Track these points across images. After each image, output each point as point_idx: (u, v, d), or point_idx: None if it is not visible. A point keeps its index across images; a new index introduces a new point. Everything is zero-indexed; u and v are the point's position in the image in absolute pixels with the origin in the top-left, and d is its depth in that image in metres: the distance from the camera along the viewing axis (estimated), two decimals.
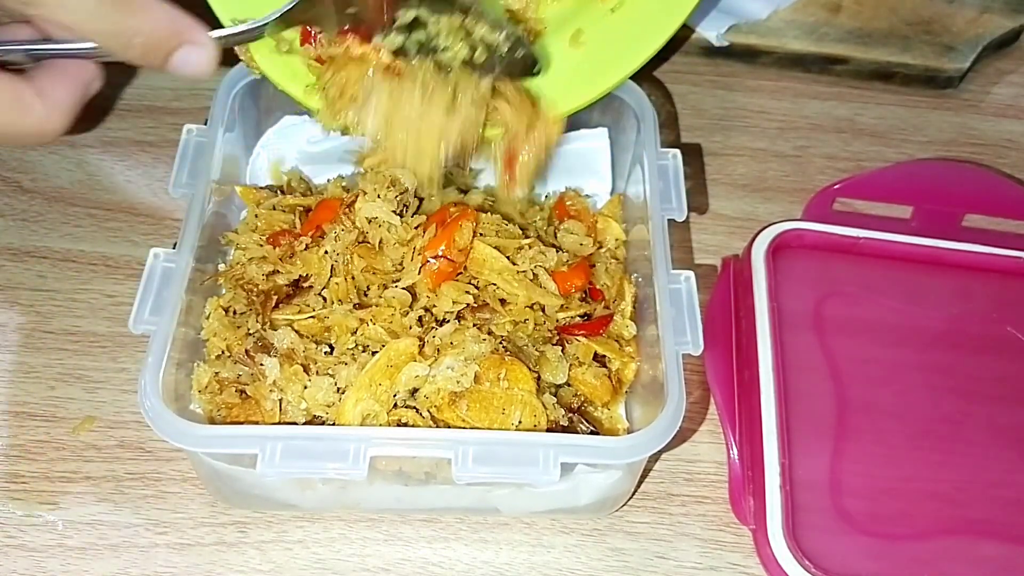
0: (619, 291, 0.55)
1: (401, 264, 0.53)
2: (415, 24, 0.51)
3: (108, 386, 0.56)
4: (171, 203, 0.64)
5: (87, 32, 0.44)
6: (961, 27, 0.77)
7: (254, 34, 0.51)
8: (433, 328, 0.51)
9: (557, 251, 0.55)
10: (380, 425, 0.48)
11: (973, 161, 0.73)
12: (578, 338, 0.53)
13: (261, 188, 0.59)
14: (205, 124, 0.56)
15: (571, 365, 0.52)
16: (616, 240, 0.58)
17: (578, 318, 0.54)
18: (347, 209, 0.53)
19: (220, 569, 0.50)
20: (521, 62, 0.53)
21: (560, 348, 0.52)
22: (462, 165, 0.57)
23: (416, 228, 0.53)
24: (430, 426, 0.48)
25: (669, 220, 0.54)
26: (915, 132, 0.75)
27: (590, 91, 0.55)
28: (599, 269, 0.56)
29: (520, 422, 0.48)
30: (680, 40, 0.76)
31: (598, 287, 0.56)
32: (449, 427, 0.48)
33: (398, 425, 0.48)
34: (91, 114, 0.70)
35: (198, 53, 0.47)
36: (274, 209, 0.56)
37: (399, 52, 0.51)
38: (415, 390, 0.49)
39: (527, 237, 0.55)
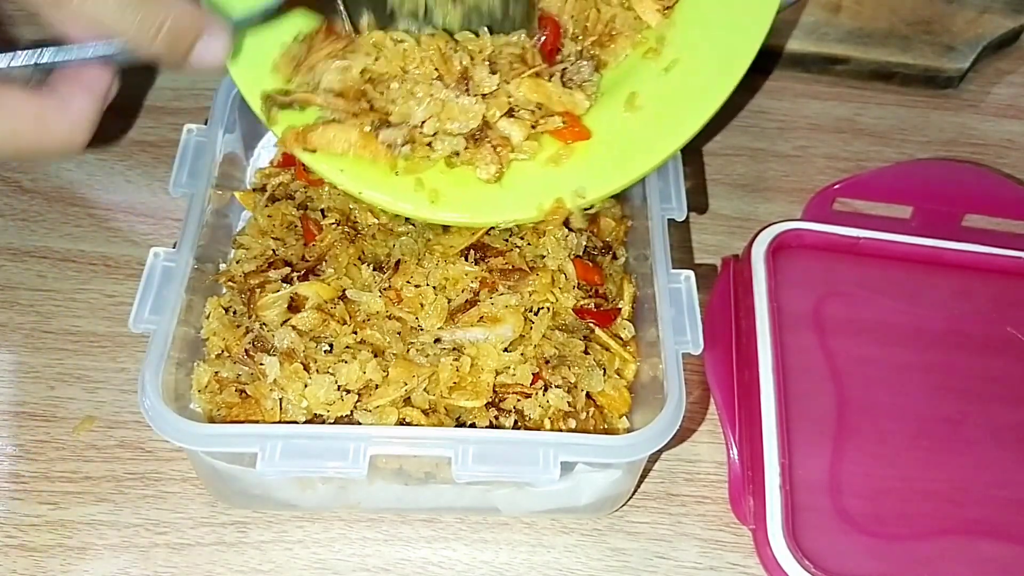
0: (619, 291, 0.55)
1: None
2: None
3: (108, 386, 0.56)
4: (171, 203, 0.64)
5: (115, 26, 0.44)
6: (961, 27, 0.77)
7: (264, 18, 0.51)
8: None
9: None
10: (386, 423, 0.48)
11: (973, 161, 0.73)
12: (590, 324, 0.53)
13: (257, 190, 0.59)
14: (205, 124, 0.56)
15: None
16: (616, 240, 0.58)
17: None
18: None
19: (220, 569, 0.50)
20: (521, 11, 0.53)
21: (584, 348, 0.52)
22: None
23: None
24: (431, 420, 0.48)
25: (669, 220, 0.54)
26: (915, 132, 0.75)
27: (652, 157, 0.53)
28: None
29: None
30: None
31: (601, 291, 0.56)
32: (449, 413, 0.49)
33: (399, 424, 0.48)
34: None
35: (216, 43, 0.47)
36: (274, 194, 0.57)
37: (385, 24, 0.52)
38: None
39: None
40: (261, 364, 0.49)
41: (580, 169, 0.53)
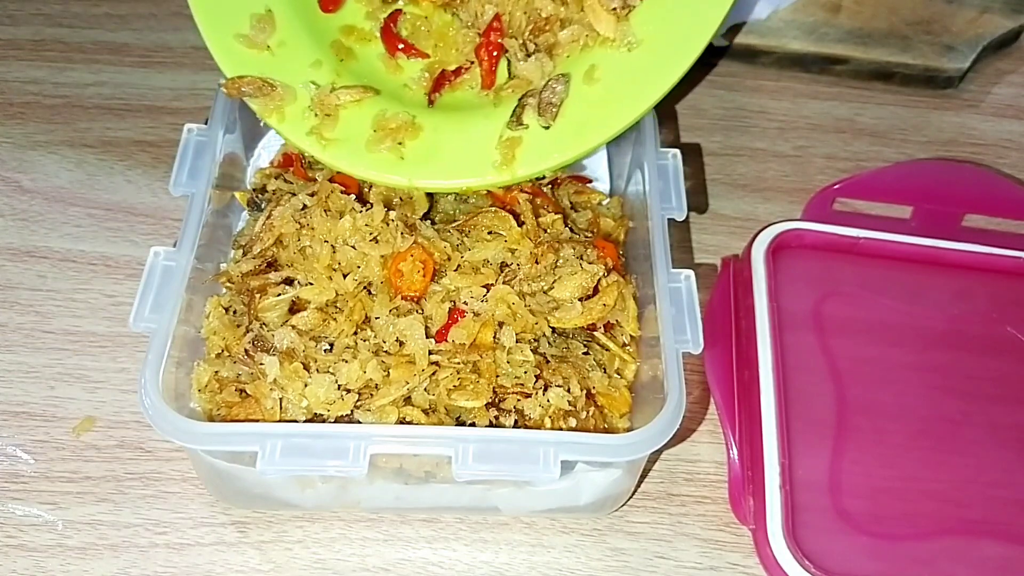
0: (623, 304, 0.55)
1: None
2: None
3: (108, 386, 0.56)
4: (171, 203, 0.65)
5: None
6: (961, 27, 0.77)
7: None
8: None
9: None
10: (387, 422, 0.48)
11: (973, 161, 0.73)
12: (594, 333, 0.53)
13: (257, 190, 0.59)
14: (205, 124, 0.56)
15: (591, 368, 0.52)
16: (616, 240, 0.58)
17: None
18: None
19: (220, 569, 0.50)
20: None
21: (585, 349, 0.52)
22: None
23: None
24: (432, 419, 0.48)
25: (669, 220, 0.54)
26: (915, 132, 0.75)
27: (607, 129, 0.54)
28: None
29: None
30: None
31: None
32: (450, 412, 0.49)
33: (399, 423, 0.48)
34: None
35: None
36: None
37: None
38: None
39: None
40: (261, 364, 0.48)
41: (536, 138, 0.54)
